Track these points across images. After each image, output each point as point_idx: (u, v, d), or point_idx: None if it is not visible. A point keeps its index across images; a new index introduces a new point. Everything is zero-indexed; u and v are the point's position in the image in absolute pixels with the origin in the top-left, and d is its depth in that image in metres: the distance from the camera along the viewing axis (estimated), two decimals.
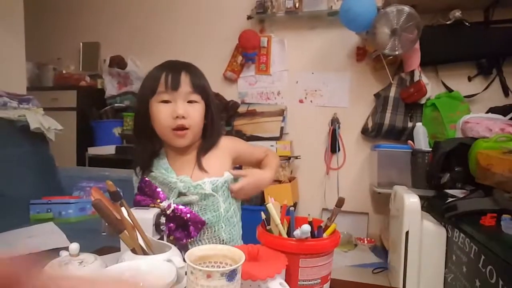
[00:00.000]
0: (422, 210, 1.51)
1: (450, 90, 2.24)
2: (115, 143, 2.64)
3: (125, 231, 0.59)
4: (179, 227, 0.82)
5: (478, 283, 1.16)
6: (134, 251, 0.60)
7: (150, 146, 0.90)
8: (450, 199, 1.49)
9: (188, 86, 0.86)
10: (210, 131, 0.93)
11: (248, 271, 0.51)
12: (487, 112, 2.03)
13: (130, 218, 0.64)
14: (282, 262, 0.55)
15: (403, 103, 2.26)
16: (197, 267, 0.45)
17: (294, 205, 2.32)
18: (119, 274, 0.50)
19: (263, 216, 0.66)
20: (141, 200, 0.83)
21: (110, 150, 2.60)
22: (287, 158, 2.38)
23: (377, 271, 1.95)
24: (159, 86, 0.85)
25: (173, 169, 0.89)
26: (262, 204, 1.46)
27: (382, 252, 2.20)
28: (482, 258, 1.14)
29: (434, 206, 1.64)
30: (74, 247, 0.59)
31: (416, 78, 2.18)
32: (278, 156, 1.20)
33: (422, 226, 1.48)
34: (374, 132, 2.34)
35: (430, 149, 1.88)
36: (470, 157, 1.53)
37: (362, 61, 2.47)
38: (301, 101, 2.61)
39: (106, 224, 0.57)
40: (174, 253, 0.60)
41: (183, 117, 0.85)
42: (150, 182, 0.84)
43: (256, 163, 1.05)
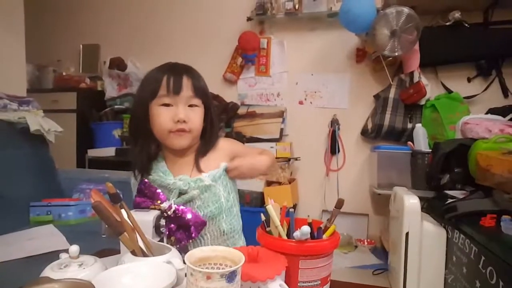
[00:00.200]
0: (422, 211, 1.51)
1: (449, 91, 2.24)
2: (115, 145, 2.64)
3: (125, 233, 0.59)
4: (180, 228, 0.82)
5: (478, 284, 1.16)
6: (134, 253, 0.60)
7: (147, 148, 0.90)
8: (450, 200, 1.49)
9: (189, 90, 0.86)
10: (209, 134, 0.93)
11: (248, 273, 0.51)
12: (487, 113, 2.03)
13: (130, 220, 0.64)
14: (282, 263, 0.55)
15: (403, 104, 2.26)
16: (196, 269, 0.45)
17: (294, 206, 2.32)
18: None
19: (263, 217, 0.66)
20: (140, 202, 0.83)
21: (110, 152, 2.60)
22: (287, 160, 2.38)
23: (377, 273, 1.94)
24: (161, 89, 0.84)
25: (171, 171, 0.89)
26: (262, 205, 1.47)
27: (382, 253, 2.20)
28: (482, 259, 1.14)
29: (434, 207, 1.64)
30: (74, 249, 0.59)
31: (415, 79, 2.18)
32: (278, 158, 1.20)
33: (422, 227, 1.48)
34: (373, 133, 2.34)
35: (430, 150, 1.88)
36: (470, 158, 1.53)
37: (362, 62, 2.47)
38: (300, 102, 2.61)
39: (106, 226, 0.58)
40: (173, 255, 0.60)
41: (184, 121, 0.85)
42: (150, 184, 0.84)
43: None
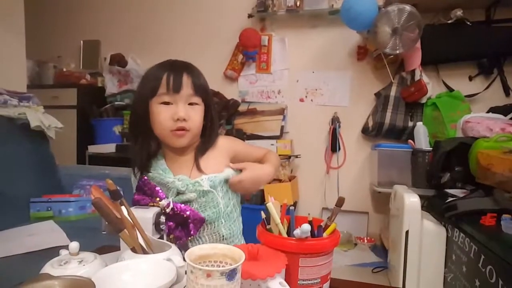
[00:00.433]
0: (422, 209, 1.51)
1: (451, 90, 2.24)
2: (115, 141, 2.64)
3: (125, 230, 0.59)
4: (179, 226, 0.82)
5: (477, 283, 1.16)
6: (134, 250, 0.60)
7: (147, 146, 0.89)
8: (450, 199, 1.49)
9: (190, 89, 0.85)
10: (209, 132, 0.92)
11: (248, 271, 0.51)
12: (488, 111, 2.03)
13: (130, 217, 0.64)
14: (282, 261, 0.55)
15: (404, 102, 2.26)
16: (197, 266, 0.45)
17: (294, 204, 2.32)
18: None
19: (263, 215, 0.66)
20: (140, 199, 0.82)
21: (110, 148, 2.60)
22: (287, 157, 2.38)
23: (377, 271, 1.95)
24: (160, 87, 0.84)
25: (171, 170, 0.88)
26: (262, 203, 1.47)
27: (382, 251, 2.20)
28: (482, 257, 1.14)
29: (434, 206, 1.64)
30: (74, 246, 0.59)
31: (417, 77, 2.17)
32: (278, 155, 1.19)
33: (422, 226, 1.48)
34: (374, 131, 2.33)
35: (431, 148, 1.88)
36: (471, 156, 1.52)
37: (363, 60, 2.47)
38: (301, 100, 2.61)
39: (106, 222, 0.57)
40: (174, 252, 0.60)
41: (184, 119, 0.84)
42: (149, 181, 0.84)
43: (255, 157, 1.04)
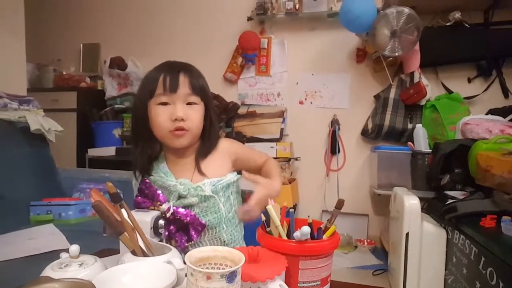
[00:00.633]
0: (422, 211, 1.51)
1: (450, 92, 2.24)
2: (115, 145, 2.64)
3: (125, 233, 0.59)
4: (180, 230, 0.81)
5: (478, 285, 1.16)
6: (134, 253, 0.60)
7: (148, 149, 0.89)
8: (450, 201, 1.49)
9: (187, 88, 0.84)
10: (209, 133, 0.92)
11: (248, 273, 0.50)
12: (487, 113, 2.03)
13: (130, 220, 0.64)
14: (282, 263, 0.55)
15: (403, 105, 2.26)
16: (197, 269, 0.45)
17: (294, 206, 2.32)
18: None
19: (263, 217, 0.66)
20: (141, 202, 0.82)
21: (110, 151, 2.60)
22: (287, 160, 2.38)
23: (377, 273, 1.94)
24: (157, 88, 0.83)
25: (172, 173, 0.88)
26: None
27: (382, 253, 2.20)
28: (482, 259, 1.14)
29: (434, 208, 1.64)
30: (74, 249, 0.59)
31: (416, 79, 2.18)
32: (278, 158, 1.18)
33: (422, 228, 1.48)
34: (374, 133, 2.34)
35: (430, 150, 1.88)
36: (470, 158, 1.52)
37: (362, 62, 2.47)
38: (301, 102, 2.61)
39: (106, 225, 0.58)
40: (174, 254, 0.60)
41: (182, 119, 0.83)
42: (150, 184, 0.84)
43: (254, 168, 1.02)
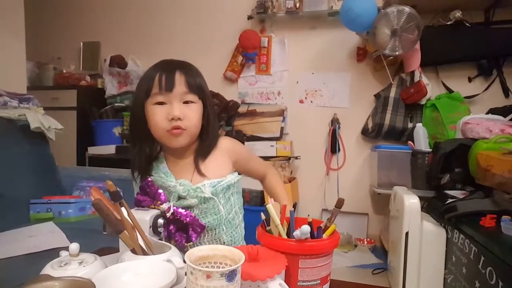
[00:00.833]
0: (422, 211, 1.51)
1: (450, 91, 2.24)
2: (115, 143, 2.64)
3: (125, 231, 0.59)
4: (179, 230, 0.81)
5: (477, 284, 1.16)
6: (134, 251, 0.60)
7: (146, 149, 0.88)
8: (450, 200, 1.49)
9: (183, 86, 0.83)
10: (207, 132, 0.90)
11: (247, 272, 0.51)
12: (487, 113, 2.03)
13: (130, 218, 0.64)
14: (281, 262, 0.55)
15: (403, 104, 2.26)
16: (196, 268, 0.45)
17: (294, 205, 2.31)
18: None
19: (263, 216, 0.65)
20: (142, 200, 0.82)
21: (110, 149, 2.60)
22: (287, 159, 2.38)
23: (376, 272, 1.95)
24: (153, 87, 0.82)
25: (172, 173, 0.87)
26: (262, 204, 1.47)
27: (382, 252, 2.20)
28: (482, 259, 1.14)
29: (434, 207, 1.64)
30: (74, 247, 0.59)
31: (416, 78, 2.18)
32: (276, 155, 1.17)
33: (422, 227, 1.48)
34: (374, 132, 2.34)
35: (430, 149, 1.88)
36: (470, 158, 1.52)
37: (363, 61, 2.47)
38: (301, 101, 2.61)
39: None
40: (174, 253, 0.60)
41: (179, 118, 0.82)
42: (152, 183, 0.83)
43: (254, 173, 1.01)
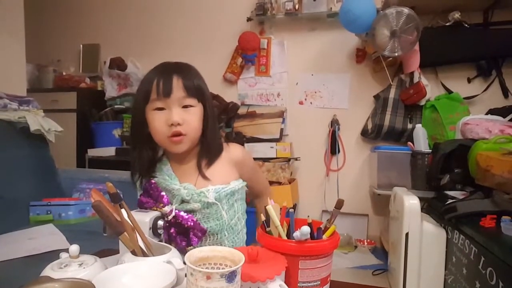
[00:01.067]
0: (422, 211, 1.51)
1: (449, 92, 2.24)
2: (115, 145, 2.64)
3: (125, 233, 0.59)
4: (180, 234, 0.81)
5: (478, 285, 1.16)
6: (134, 253, 0.60)
7: (148, 152, 0.88)
8: (450, 201, 1.49)
9: (181, 91, 0.81)
10: (208, 135, 0.88)
11: (247, 273, 0.50)
12: (487, 113, 2.03)
13: (130, 220, 0.64)
14: (281, 263, 0.55)
15: (403, 105, 2.26)
16: (196, 269, 0.45)
17: (294, 206, 2.32)
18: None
19: (263, 217, 0.66)
20: (144, 201, 0.82)
21: (110, 151, 2.60)
22: (287, 160, 2.38)
23: (377, 273, 1.94)
24: (152, 93, 0.81)
25: (176, 175, 0.87)
26: None
27: (382, 253, 2.20)
28: (482, 259, 1.14)
29: (434, 208, 1.64)
30: (74, 249, 0.59)
31: (415, 79, 2.18)
32: (276, 157, 1.17)
33: (422, 228, 1.48)
34: (373, 133, 2.34)
35: (430, 150, 1.88)
36: (470, 158, 1.53)
37: (362, 62, 2.48)
38: (301, 102, 2.61)
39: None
40: (174, 254, 0.60)
41: (179, 124, 0.81)
42: (156, 185, 0.83)
43: (252, 189, 0.99)
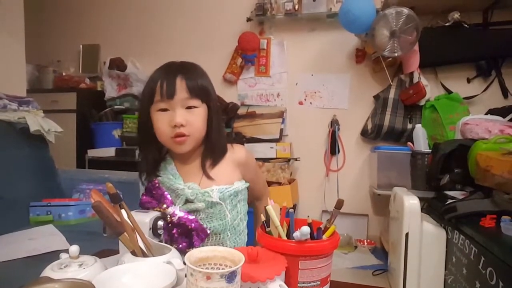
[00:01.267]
0: (422, 211, 1.51)
1: (449, 92, 2.24)
2: (115, 145, 2.64)
3: (124, 233, 0.59)
4: (183, 235, 0.81)
5: (478, 285, 1.16)
6: (134, 253, 0.60)
7: (154, 153, 0.89)
8: (449, 201, 1.49)
9: (184, 92, 0.81)
10: (212, 135, 0.88)
11: (247, 273, 0.50)
12: (486, 113, 2.03)
13: (130, 220, 0.64)
14: (281, 264, 0.55)
15: (403, 105, 2.27)
16: (196, 269, 0.45)
17: (294, 207, 2.32)
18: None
19: (263, 218, 0.66)
20: (147, 201, 0.82)
21: (110, 152, 2.60)
22: (287, 160, 2.38)
23: (377, 273, 1.94)
24: (156, 94, 0.82)
25: (180, 175, 0.87)
26: None
27: (382, 254, 2.20)
28: (482, 259, 1.14)
29: (434, 208, 1.64)
30: (74, 250, 0.59)
31: (415, 79, 2.18)
32: (276, 157, 1.17)
33: (422, 228, 1.48)
34: (373, 133, 2.34)
35: (430, 150, 1.88)
36: (470, 158, 1.53)
37: (362, 62, 2.48)
38: (300, 103, 2.61)
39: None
40: (174, 255, 0.60)
41: (182, 125, 0.81)
42: (159, 185, 0.83)
43: (253, 190, 0.98)
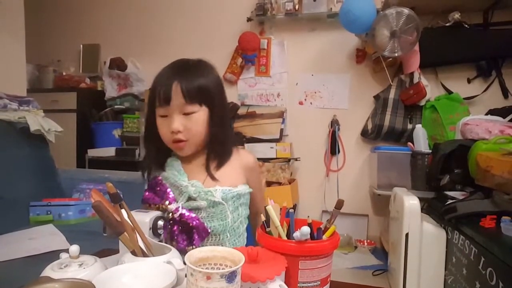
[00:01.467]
0: (422, 212, 1.51)
1: (449, 92, 2.24)
2: (115, 145, 2.64)
3: (124, 233, 0.59)
4: (183, 233, 0.81)
5: (478, 285, 1.16)
6: (134, 253, 0.60)
7: (159, 149, 0.90)
8: (449, 201, 1.49)
9: (180, 98, 0.81)
10: (216, 137, 0.87)
11: (247, 273, 0.50)
12: (487, 114, 2.03)
13: (130, 220, 0.64)
14: (281, 264, 0.55)
15: (403, 105, 2.27)
16: (197, 269, 0.45)
17: (294, 207, 2.32)
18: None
19: (263, 218, 0.66)
20: (149, 197, 0.83)
21: (110, 152, 2.60)
22: (287, 160, 2.38)
23: (377, 273, 1.94)
24: (156, 100, 0.83)
25: (185, 172, 0.87)
26: None
27: (382, 254, 2.20)
28: (482, 260, 1.14)
29: (434, 208, 1.64)
30: (74, 249, 0.59)
31: (415, 80, 2.18)
32: (276, 157, 1.17)
33: (422, 228, 1.48)
34: (373, 134, 2.34)
35: (430, 151, 1.88)
36: (470, 158, 1.53)
37: (362, 63, 2.48)
38: (300, 103, 2.61)
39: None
40: (174, 255, 0.60)
41: (179, 131, 0.82)
42: (162, 182, 0.84)
43: (253, 200, 0.97)
